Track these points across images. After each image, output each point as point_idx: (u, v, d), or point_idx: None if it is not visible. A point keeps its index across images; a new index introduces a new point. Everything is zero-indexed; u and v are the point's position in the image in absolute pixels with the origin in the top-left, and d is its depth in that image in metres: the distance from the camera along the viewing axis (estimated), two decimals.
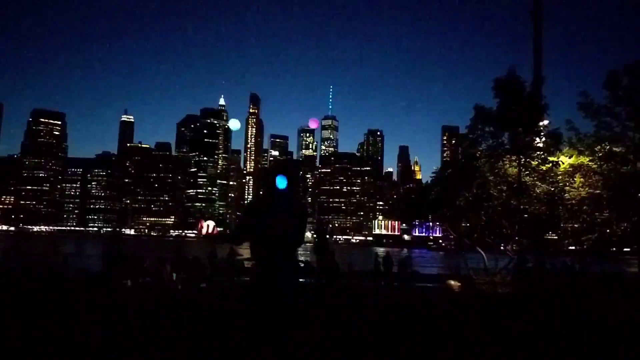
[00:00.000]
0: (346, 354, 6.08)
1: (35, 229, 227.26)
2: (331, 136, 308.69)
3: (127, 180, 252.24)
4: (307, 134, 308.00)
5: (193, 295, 13.60)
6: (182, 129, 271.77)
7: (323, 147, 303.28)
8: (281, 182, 3.72)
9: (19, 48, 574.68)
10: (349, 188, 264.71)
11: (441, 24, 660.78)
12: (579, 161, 15.73)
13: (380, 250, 54.91)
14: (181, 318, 8.74)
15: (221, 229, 3.88)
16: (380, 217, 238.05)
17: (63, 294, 11.87)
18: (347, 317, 9.38)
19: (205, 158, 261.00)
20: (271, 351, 3.66)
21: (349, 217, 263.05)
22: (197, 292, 14.58)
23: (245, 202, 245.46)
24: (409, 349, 6.46)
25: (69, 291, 12.53)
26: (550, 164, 15.14)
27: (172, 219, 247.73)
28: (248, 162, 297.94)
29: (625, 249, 22.42)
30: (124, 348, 6.02)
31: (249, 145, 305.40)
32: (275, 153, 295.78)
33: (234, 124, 4.05)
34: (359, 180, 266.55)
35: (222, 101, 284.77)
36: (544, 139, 15.92)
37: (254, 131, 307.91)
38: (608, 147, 15.50)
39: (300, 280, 3.75)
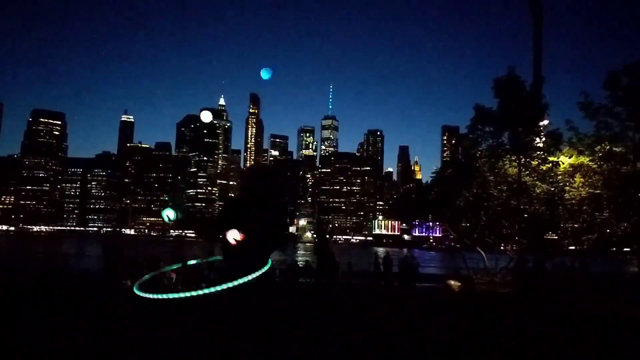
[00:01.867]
0: (346, 353, 6.07)
1: (35, 229, 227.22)
2: (331, 136, 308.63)
3: (127, 180, 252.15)
4: (307, 134, 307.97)
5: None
6: (182, 129, 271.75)
7: (323, 147, 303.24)
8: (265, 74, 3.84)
9: (19, 48, 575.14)
10: (349, 188, 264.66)
11: (441, 24, 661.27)
12: (579, 161, 15.72)
13: (380, 250, 54.92)
14: (181, 318, 8.73)
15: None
16: (380, 217, 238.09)
17: (62, 293, 11.85)
18: (346, 317, 9.37)
19: (205, 158, 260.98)
20: (271, 351, 3.66)
21: (349, 217, 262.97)
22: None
23: None
24: (409, 349, 6.45)
25: (68, 291, 12.51)
26: (550, 164, 15.14)
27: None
28: (248, 162, 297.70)
29: (625, 249, 22.42)
30: (123, 348, 6.01)
31: (249, 145, 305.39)
32: (275, 153, 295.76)
33: (206, 117, 4.04)
34: (359, 180, 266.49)
35: (222, 101, 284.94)
36: (544, 139, 15.91)
37: (254, 131, 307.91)
38: (608, 147, 15.49)
39: (273, 279, 3.75)
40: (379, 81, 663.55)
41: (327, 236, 21.80)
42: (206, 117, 4.02)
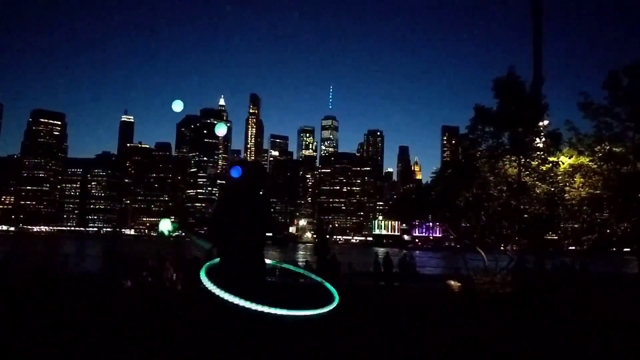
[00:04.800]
0: (345, 353, 6.07)
1: (35, 229, 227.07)
2: (331, 136, 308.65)
3: (127, 180, 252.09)
4: (307, 134, 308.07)
5: (193, 295, 13.58)
6: (182, 129, 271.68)
7: (323, 147, 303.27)
8: (235, 172, 3.82)
9: (19, 48, 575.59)
10: (349, 188, 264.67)
11: (441, 24, 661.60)
12: (579, 161, 15.72)
13: (381, 250, 54.92)
14: (181, 318, 8.74)
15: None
16: (380, 217, 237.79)
17: (62, 294, 11.86)
18: (346, 317, 9.37)
19: (205, 158, 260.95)
20: (270, 351, 3.66)
21: (349, 217, 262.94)
22: (197, 292, 14.56)
23: None
24: (409, 349, 6.45)
25: (68, 291, 12.52)
26: (550, 164, 15.13)
27: (172, 219, 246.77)
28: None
29: (625, 249, 22.42)
30: (123, 348, 6.01)
31: (249, 145, 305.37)
32: (275, 153, 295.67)
33: (177, 106, 3.90)
34: (359, 180, 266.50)
35: (222, 101, 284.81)
36: (544, 139, 15.91)
37: (254, 131, 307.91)
38: (608, 147, 15.49)
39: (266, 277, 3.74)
40: (379, 81, 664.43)
41: (327, 236, 21.87)
42: (177, 106, 3.88)
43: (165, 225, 3.71)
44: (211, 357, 3.95)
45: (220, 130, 4.09)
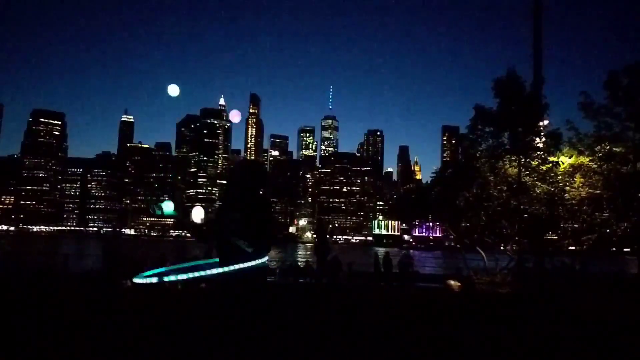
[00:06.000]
0: (346, 353, 6.07)
1: (35, 229, 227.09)
2: (331, 136, 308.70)
3: (127, 180, 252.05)
4: (307, 134, 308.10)
5: (193, 295, 13.59)
6: (182, 129, 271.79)
7: (323, 147, 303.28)
8: (167, 207, 3.81)
9: (19, 48, 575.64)
10: (349, 188, 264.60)
11: (441, 24, 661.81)
12: (579, 161, 15.71)
13: (381, 250, 54.99)
14: (181, 318, 8.74)
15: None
16: (380, 217, 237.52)
17: (61, 293, 11.86)
18: (346, 317, 9.38)
19: (205, 158, 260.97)
20: (271, 351, 3.66)
21: (349, 217, 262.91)
22: (197, 292, 14.57)
23: None
24: (409, 349, 6.46)
25: (67, 291, 12.52)
26: (550, 164, 15.13)
27: (172, 219, 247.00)
28: None
29: (625, 249, 22.40)
30: (123, 348, 6.01)
31: (249, 145, 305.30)
32: (275, 153, 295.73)
33: (172, 90, 3.83)
34: (359, 180, 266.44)
35: (222, 101, 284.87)
36: (544, 139, 15.91)
37: (254, 131, 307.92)
38: (608, 147, 15.48)
39: (265, 278, 3.77)
40: (379, 81, 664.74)
41: (327, 236, 21.87)
42: (173, 90, 3.80)
43: (169, 207, 3.69)
44: (210, 356, 3.95)
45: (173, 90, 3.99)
